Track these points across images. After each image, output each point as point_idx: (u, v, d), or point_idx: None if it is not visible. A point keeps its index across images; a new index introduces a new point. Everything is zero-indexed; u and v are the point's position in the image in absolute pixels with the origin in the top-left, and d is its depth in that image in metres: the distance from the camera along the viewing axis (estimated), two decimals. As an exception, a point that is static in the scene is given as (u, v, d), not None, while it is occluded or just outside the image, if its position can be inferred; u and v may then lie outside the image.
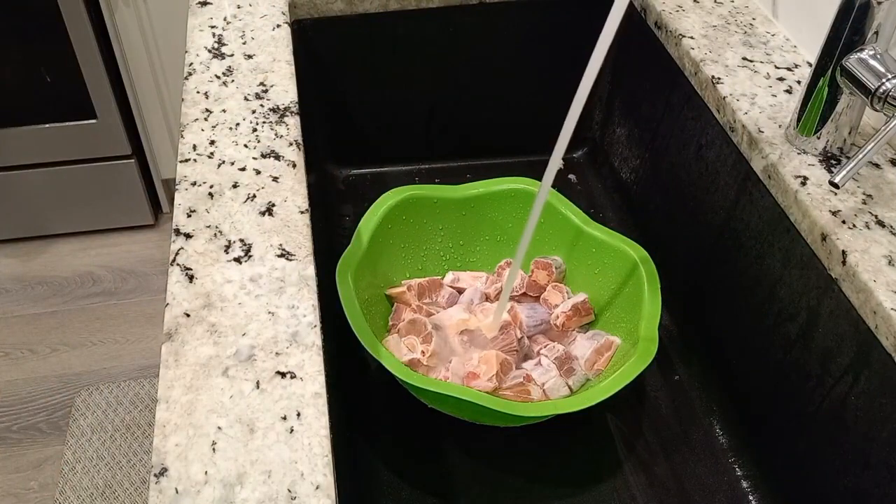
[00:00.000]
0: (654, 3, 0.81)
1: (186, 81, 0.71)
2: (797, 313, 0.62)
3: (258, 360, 0.49)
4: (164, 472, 0.43)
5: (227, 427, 0.46)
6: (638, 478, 0.67)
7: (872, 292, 0.52)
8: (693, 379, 0.75)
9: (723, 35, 0.76)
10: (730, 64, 0.72)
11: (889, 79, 0.55)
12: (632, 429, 0.71)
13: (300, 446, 0.45)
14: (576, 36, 0.66)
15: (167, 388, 0.48)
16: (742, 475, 0.68)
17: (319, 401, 0.47)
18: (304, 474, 0.44)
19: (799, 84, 0.70)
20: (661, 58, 0.80)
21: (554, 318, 0.73)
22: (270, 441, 0.45)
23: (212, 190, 0.59)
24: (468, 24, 0.88)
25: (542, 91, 0.93)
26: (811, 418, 0.61)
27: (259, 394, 0.47)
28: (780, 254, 0.63)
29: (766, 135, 0.65)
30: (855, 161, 0.53)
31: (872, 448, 0.54)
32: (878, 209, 0.59)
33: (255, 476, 0.43)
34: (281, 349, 0.50)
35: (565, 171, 0.96)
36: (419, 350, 0.67)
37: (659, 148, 0.84)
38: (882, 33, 0.56)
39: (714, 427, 0.72)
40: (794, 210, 0.60)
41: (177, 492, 0.43)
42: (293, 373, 0.49)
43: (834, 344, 0.58)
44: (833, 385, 0.58)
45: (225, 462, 0.44)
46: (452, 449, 0.69)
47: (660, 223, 0.84)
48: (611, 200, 0.93)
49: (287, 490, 0.43)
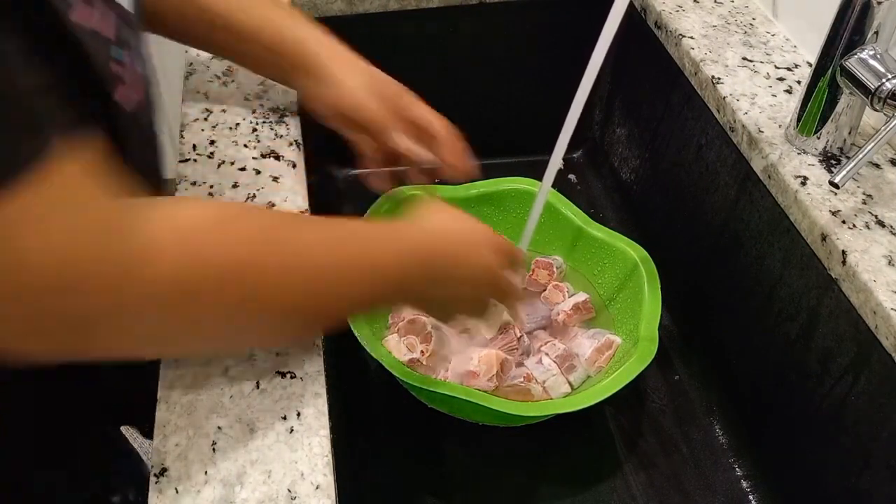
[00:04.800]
0: (654, 3, 0.81)
1: (186, 81, 0.71)
2: (797, 313, 0.62)
3: (258, 360, 0.49)
4: (164, 472, 0.43)
5: (227, 427, 0.46)
6: (638, 478, 0.67)
7: (872, 292, 0.52)
8: (693, 379, 0.75)
9: (723, 35, 0.76)
10: (730, 64, 0.72)
11: (889, 79, 0.55)
12: (632, 429, 0.71)
13: (300, 446, 0.45)
14: (576, 36, 0.66)
15: (167, 388, 0.48)
16: (742, 475, 0.68)
17: (319, 401, 0.47)
18: (304, 474, 0.44)
19: (799, 84, 0.70)
20: (661, 58, 0.80)
21: (555, 314, 0.73)
22: (270, 441, 0.45)
23: (212, 190, 0.59)
24: (468, 24, 0.88)
25: (542, 91, 0.93)
26: (811, 418, 0.61)
27: (259, 394, 0.47)
28: (780, 254, 0.63)
29: (766, 135, 0.65)
30: (855, 161, 0.53)
31: (872, 448, 0.54)
32: (878, 209, 0.59)
33: (255, 476, 0.43)
34: (281, 349, 0.50)
35: (565, 171, 0.96)
36: (419, 350, 0.67)
37: (659, 148, 0.84)
38: (882, 33, 0.56)
39: (714, 427, 0.72)
40: (794, 210, 0.60)
41: (177, 492, 0.43)
42: (293, 373, 0.49)
43: (834, 344, 0.58)
44: (833, 385, 0.58)
45: (225, 462, 0.44)
46: (452, 449, 0.69)
47: (660, 223, 0.84)
48: (611, 200, 0.93)
49: (287, 490, 0.43)
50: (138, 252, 0.33)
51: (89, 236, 0.32)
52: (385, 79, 0.61)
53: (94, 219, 0.33)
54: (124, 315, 0.34)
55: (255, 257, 0.38)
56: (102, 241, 0.32)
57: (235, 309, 0.38)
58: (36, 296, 0.31)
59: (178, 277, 0.35)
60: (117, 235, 0.33)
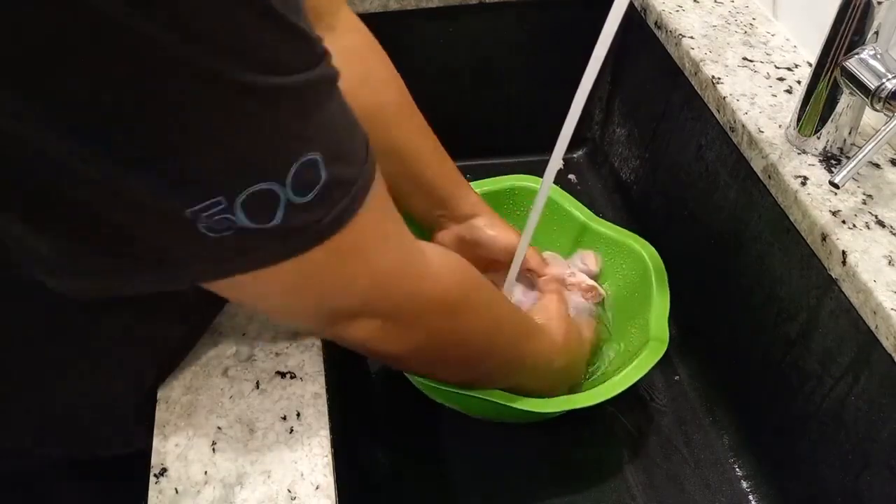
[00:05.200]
0: (654, 3, 0.81)
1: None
2: (797, 313, 0.62)
3: (258, 360, 0.49)
4: (164, 472, 0.43)
5: (227, 427, 0.46)
6: (638, 478, 0.67)
7: (872, 292, 0.52)
8: (693, 379, 0.75)
9: (723, 35, 0.76)
10: (730, 64, 0.72)
11: (889, 79, 0.55)
12: (632, 429, 0.71)
13: (300, 446, 0.45)
14: (576, 36, 0.66)
15: (167, 388, 0.48)
16: (742, 475, 0.68)
17: (319, 401, 0.47)
18: (304, 474, 0.44)
19: (799, 84, 0.70)
20: (661, 58, 0.80)
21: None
22: (270, 441, 0.45)
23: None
24: (468, 24, 0.88)
25: (542, 91, 0.93)
26: (811, 418, 0.61)
27: (259, 394, 0.47)
28: (780, 254, 0.63)
29: (766, 135, 0.65)
30: (855, 161, 0.53)
31: (872, 448, 0.54)
32: (878, 209, 0.59)
33: (255, 476, 0.43)
34: (281, 349, 0.50)
35: (565, 171, 0.96)
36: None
37: (659, 148, 0.84)
38: (882, 33, 0.56)
39: (714, 427, 0.72)
40: (794, 210, 0.60)
41: (177, 492, 0.43)
42: (293, 373, 0.49)
43: (834, 344, 0.58)
44: (833, 385, 0.58)
45: (225, 462, 0.44)
46: (453, 449, 0.69)
47: (660, 223, 0.84)
48: (611, 200, 0.93)
49: (287, 490, 0.43)
50: (424, 282, 0.44)
51: (398, 268, 0.41)
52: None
53: (404, 245, 0.42)
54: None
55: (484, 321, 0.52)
56: (405, 269, 0.42)
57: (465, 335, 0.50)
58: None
59: (447, 298, 0.46)
60: (419, 255, 0.43)
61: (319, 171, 0.32)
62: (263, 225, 0.32)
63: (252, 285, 0.36)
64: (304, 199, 0.32)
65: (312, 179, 0.32)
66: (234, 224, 0.31)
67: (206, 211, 0.30)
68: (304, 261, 0.35)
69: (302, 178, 0.32)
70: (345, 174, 0.34)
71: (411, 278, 0.43)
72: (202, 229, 0.31)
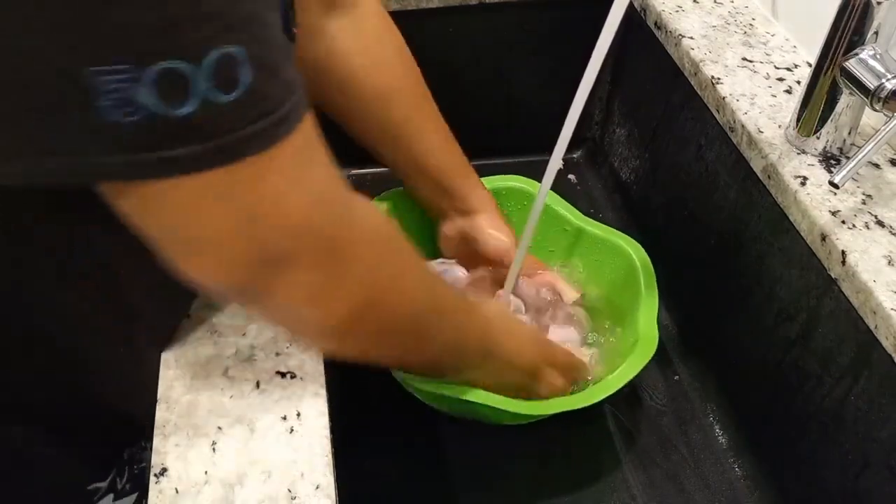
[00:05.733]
0: (654, 3, 0.81)
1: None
2: (797, 313, 0.62)
3: (258, 360, 0.49)
4: (164, 472, 0.43)
5: (227, 427, 0.46)
6: (638, 477, 0.67)
7: (872, 292, 0.52)
8: (693, 379, 0.75)
9: (722, 35, 0.76)
10: (729, 64, 0.72)
11: (888, 79, 0.55)
12: (632, 428, 0.71)
13: (300, 446, 0.45)
14: (576, 36, 0.66)
15: (167, 388, 0.48)
16: (742, 475, 0.68)
17: (319, 401, 0.47)
18: (304, 474, 0.44)
19: (799, 84, 0.70)
20: (661, 58, 0.80)
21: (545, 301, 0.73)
22: (270, 441, 0.45)
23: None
24: (468, 24, 0.88)
25: (542, 91, 0.93)
26: (811, 418, 0.61)
27: (259, 394, 0.48)
28: (780, 254, 0.63)
29: (765, 135, 0.65)
30: (855, 161, 0.53)
31: (872, 448, 0.54)
32: (878, 209, 0.59)
33: (255, 476, 0.43)
34: (281, 349, 0.50)
35: (565, 171, 0.96)
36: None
37: (659, 148, 0.84)
38: (882, 33, 0.56)
39: (714, 427, 0.72)
40: (794, 210, 0.60)
41: (177, 492, 0.43)
42: (293, 373, 0.49)
43: (834, 344, 0.58)
44: (833, 385, 0.58)
45: (225, 462, 0.44)
46: (453, 449, 0.69)
47: (659, 223, 0.84)
48: (611, 200, 0.93)
49: (287, 490, 0.43)
50: (354, 212, 0.41)
51: (328, 194, 0.38)
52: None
53: (333, 176, 0.39)
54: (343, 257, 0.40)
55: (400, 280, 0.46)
56: (334, 197, 0.39)
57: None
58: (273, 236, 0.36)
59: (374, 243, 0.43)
60: (346, 197, 0.40)
61: (241, 71, 0.30)
62: (174, 111, 0.29)
63: (166, 200, 0.33)
64: (225, 98, 0.30)
65: (233, 77, 0.30)
66: (140, 103, 0.29)
67: (109, 75, 0.28)
68: (225, 175, 0.32)
69: (222, 73, 0.30)
70: (272, 90, 0.32)
71: (342, 206, 0.39)
72: (105, 102, 0.28)
